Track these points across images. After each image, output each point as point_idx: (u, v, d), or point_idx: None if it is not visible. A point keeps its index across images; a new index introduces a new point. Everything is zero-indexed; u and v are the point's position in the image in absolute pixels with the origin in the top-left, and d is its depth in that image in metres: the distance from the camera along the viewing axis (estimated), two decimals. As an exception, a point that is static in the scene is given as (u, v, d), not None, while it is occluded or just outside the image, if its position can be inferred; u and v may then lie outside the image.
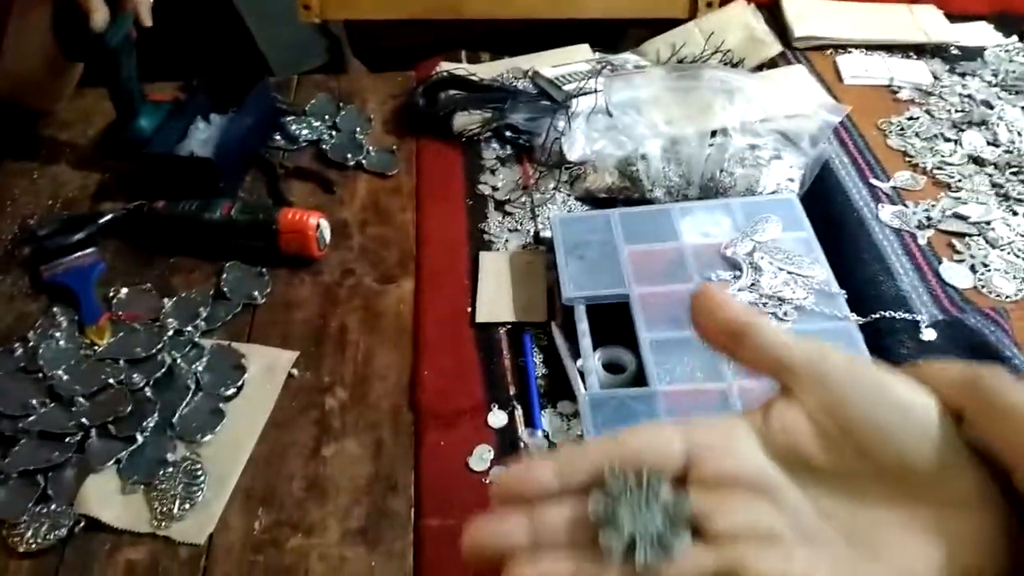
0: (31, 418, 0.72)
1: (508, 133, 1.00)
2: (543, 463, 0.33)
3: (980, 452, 0.31)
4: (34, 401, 0.73)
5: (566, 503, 0.32)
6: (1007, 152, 0.96)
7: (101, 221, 0.91)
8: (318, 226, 0.85)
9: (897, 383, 0.32)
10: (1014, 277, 0.81)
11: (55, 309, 0.82)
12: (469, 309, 0.82)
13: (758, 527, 0.31)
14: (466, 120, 1.01)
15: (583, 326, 0.76)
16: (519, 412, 0.73)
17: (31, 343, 0.78)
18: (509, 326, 0.80)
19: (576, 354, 0.75)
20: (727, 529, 0.31)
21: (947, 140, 0.98)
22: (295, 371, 0.77)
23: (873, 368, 0.32)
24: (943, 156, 0.96)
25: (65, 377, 0.75)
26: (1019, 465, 0.29)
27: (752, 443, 0.32)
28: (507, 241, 0.89)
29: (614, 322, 0.77)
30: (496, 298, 0.83)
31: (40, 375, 0.75)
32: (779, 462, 0.32)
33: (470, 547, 0.31)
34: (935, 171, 0.94)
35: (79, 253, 0.89)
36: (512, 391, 0.75)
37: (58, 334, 0.79)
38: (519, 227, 0.91)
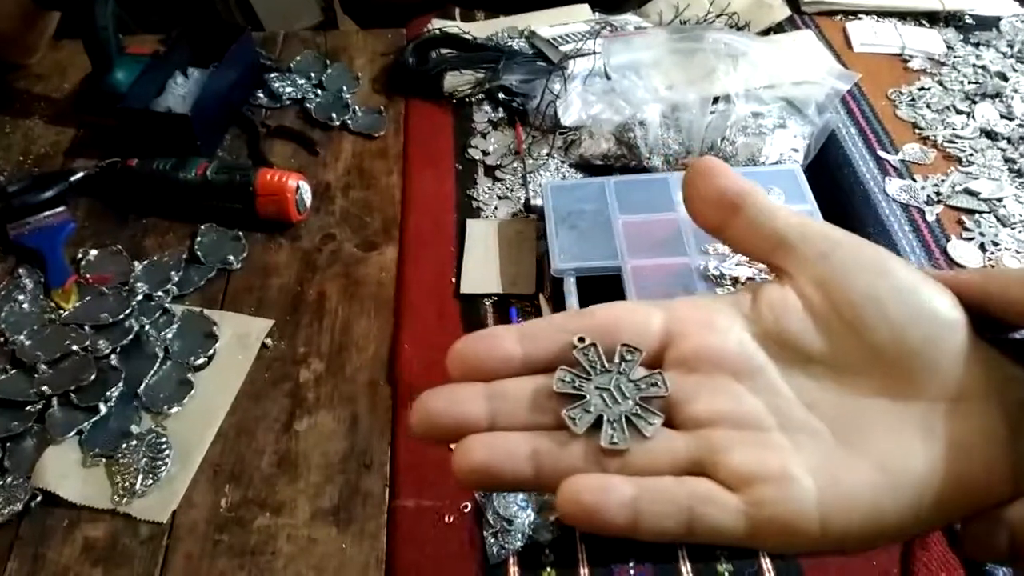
0: (-11, 385, 0.68)
1: (501, 95, 0.96)
2: (507, 330, 0.29)
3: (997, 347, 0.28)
4: (-7, 367, 0.70)
5: (529, 378, 0.29)
6: (1021, 126, 0.91)
7: (72, 179, 0.87)
8: (297, 188, 0.81)
9: (903, 266, 0.29)
10: (1026, 257, 0.77)
11: (20, 270, 0.78)
12: (454, 279, 0.78)
13: (736, 413, 0.28)
14: (457, 80, 0.96)
15: (572, 299, 0.72)
16: (503, 389, 0.69)
17: (-7, 306, 0.75)
18: (495, 298, 0.77)
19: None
20: (703, 414, 0.28)
21: (959, 112, 0.94)
22: (269, 341, 0.73)
23: (879, 248, 0.29)
24: (954, 129, 0.91)
25: (27, 342, 0.72)
26: None
27: (737, 323, 0.29)
28: (496, 209, 0.85)
29: (605, 296, 0.72)
30: (483, 268, 0.79)
31: (1, 340, 0.72)
32: (764, 345, 0.29)
33: (421, 419, 0.28)
34: (946, 144, 0.89)
35: (48, 212, 0.85)
36: (496, 366, 0.71)
37: (22, 297, 0.76)
38: (509, 194, 0.87)
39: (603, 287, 0.74)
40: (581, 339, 0.29)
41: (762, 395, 0.28)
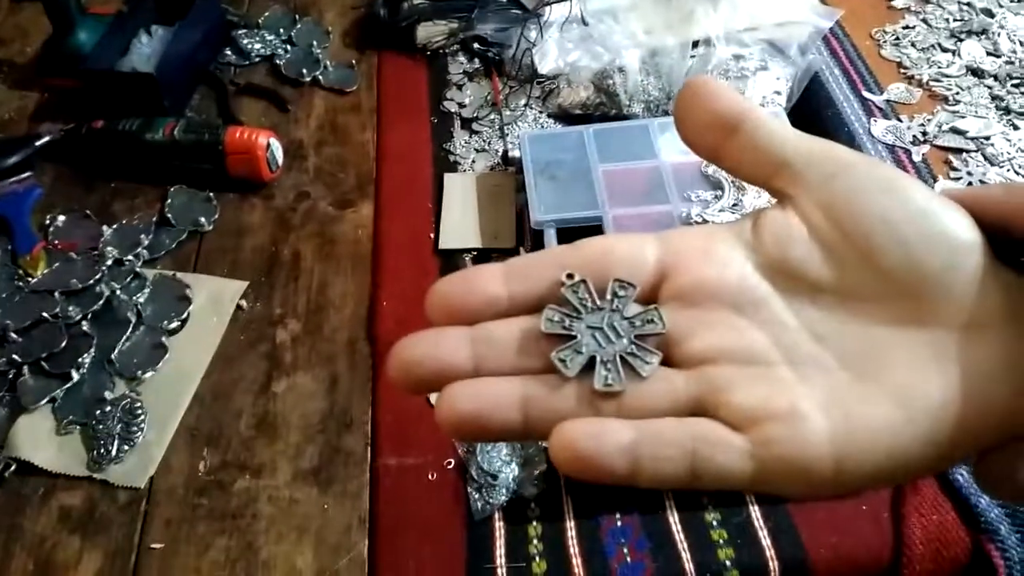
0: (-43, 355, 0.67)
1: (476, 45, 0.93)
2: (490, 269, 0.27)
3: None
4: (-40, 337, 0.68)
5: (515, 319, 0.27)
6: (1008, 63, 0.89)
7: (38, 144, 0.85)
8: (268, 146, 0.79)
9: (915, 186, 0.27)
10: (1013, 195, 0.76)
11: (-14, 238, 0.76)
12: (432, 235, 0.76)
13: (739, 348, 0.26)
14: (430, 32, 0.93)
15: (553, 251, 0.70)
16: (484, 343, 0.68)
17: (-42, 275, 0.73)
18: (475, 253, 0.75)
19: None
20: (703, 351, 0.26)
21: (944, 50, 0.92)
22: (244, 302, 0.72)
23: (889, 167, 0.27)
24: (940, 67, 0.89)
25: (-5, 311, 0.70)
26: None
27: (737, 253, 0.28)
28: (474, 162, 0.83)
29: (586, 247, 0.71)
30: (461, 223, 0.77)
31: (-32, 309, 0.70)
32: (767, 275, 0.27)
33: (400, 367, 0.26)
34: (932, 83, 0.88)
35: (14, 178, 0.82)
36: (477, 321, 0.69)
37: (-11, 265, 0.74)
38: (487, 147, 0.84)
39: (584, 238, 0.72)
40: (570, 275, 0.27)
41: (766, 328, 0.27)
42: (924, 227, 0.26)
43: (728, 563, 0.56)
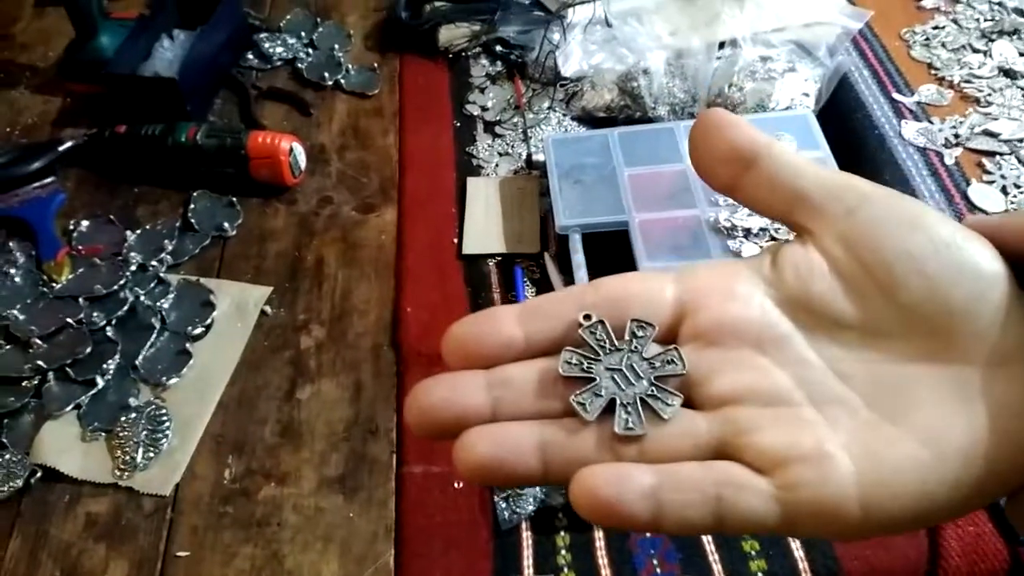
0: (-18, 361, 0.67)
1: (498, 48, 0.92)
2: (506, 311, 0.27)
3: None
4: (-14, 343, 0.68)
5: (533, 361, 0.27)
6: (1041, 63, 0.88)
7: (61, 148, 0.85)
8: (291, 150, 0.78)
9: (938, 219, 0.26)
10: (1048, 198, 0.75)
11: (10, 244, 0.76)
12: (456, 240, 0.76)
13: (762, 388, 0.26)
14: (452, 34, 0.93)
15: (578, 257, 0.70)
16: (509, 350, 0.67)
17: (-17, 280, 0.73)
18: (499, 258, 0.74)
19: (571, 287, 0.69)
20: (725, 391, 0.26)
21: (976, 51, 0.90)
22: (268, 308, 0.71)
23: (911, 200, 0.27)
24: (971, 68, 0.88)
25: (21, 317, 0.70)
26: None
27: (757, 289, 0.27)
28: (497, 166, 0.82)
29: (612, 252, 0.71)
30: (485, 228, 0.77)
31: (-7, 315, 0.70)
32: (788, 312, 0.27)
33: (417, 412, 0.26)
34: (963, 85, 0.86)
35: (37, 183, 0.83)
36: (502, 327, 0.69)
37: (13, 270, 0.74)
38: (510, 150, 0.84)
39: (610, 243, 0.71)
40: (587, 316, 0.27)
41: (789, 367, 0.26)
42: (947, 259, 0.25)
43: (760, 575, 0.55)
